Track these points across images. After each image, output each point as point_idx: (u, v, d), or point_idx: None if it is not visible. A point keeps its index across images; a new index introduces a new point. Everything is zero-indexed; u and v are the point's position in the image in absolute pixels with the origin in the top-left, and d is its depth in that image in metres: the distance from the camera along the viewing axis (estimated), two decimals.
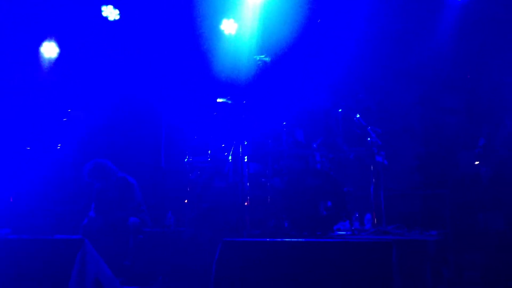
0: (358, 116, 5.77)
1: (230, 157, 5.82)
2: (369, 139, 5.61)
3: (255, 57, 5.40)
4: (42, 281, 3.66)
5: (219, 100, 6.12)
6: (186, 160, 6.20)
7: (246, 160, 5.58)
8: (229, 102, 6.09)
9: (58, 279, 3.58)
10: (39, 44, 7.50)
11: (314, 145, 5.62)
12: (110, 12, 7.31)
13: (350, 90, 6.65)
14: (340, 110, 5.87)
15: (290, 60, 6.88)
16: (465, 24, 6.57)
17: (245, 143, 5.65)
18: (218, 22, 7.34)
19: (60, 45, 7.54)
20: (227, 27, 7.31)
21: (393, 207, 5.81)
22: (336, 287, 3.28)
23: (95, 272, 3.73)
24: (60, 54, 7.54)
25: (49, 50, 7.54)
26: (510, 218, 4.89)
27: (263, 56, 5.33)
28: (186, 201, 6.13)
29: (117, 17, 7.33)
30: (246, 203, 5.48)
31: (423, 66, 6.74)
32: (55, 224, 5.78)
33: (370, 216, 5.71)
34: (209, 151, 6.10)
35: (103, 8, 7.28)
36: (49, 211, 6.13)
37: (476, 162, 5.35)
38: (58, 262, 3.65)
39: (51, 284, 3.61)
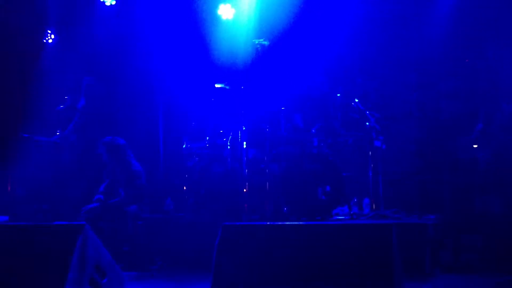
0: (356, 101, 5.77)
1: (228, 143, 5.82)
2: (367, 124, 5.62)
3: (253, 41, 5.37)
4: (43, 267, 3.66)
5: (217, 85, 6.10)
6: (184, 146, 6.20)
7: (244, 145, 5.59)
8: (227, 87, 6.07)
9: (58, 265, 3.57)
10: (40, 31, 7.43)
11: (313, 130, 5.63)
12: None
13: (349, 75, 6.64)
14: (338, 95, 5.86)
15: (288, 44, 6.84)
16: (462, 9, 6.54)
17: (243, 128, 5.65)
18: (215, 7, 7.28)
19: (56, 31, 7.47)
20: (224, 12, 7.26)
21: (391, 192, 5.84)
22: (336, 270, 3.30)
23: (96, 258, 3.73)
24: (56, 40, 7.47)
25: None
26: (507, 201, 4.93)
27: (261, 40, 5.29)
28: (185, 187, 6.14)
29: (114, 2, 7.26)
30: (244, 189, 5.49)
31: (421, 51, 6.72)
32: (55, 211, 5.78)
33: (369, 200, 5.74)
34: (207, 137, 6.09)
35: None
36: (48, 198, 6.13)
37: (474, 146, 5.38)
38: (58, 248, 3.64)
39: (51, 270, 3.61)
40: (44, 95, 7.06)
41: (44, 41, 7.42)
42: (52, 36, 7.44)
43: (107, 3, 7.23)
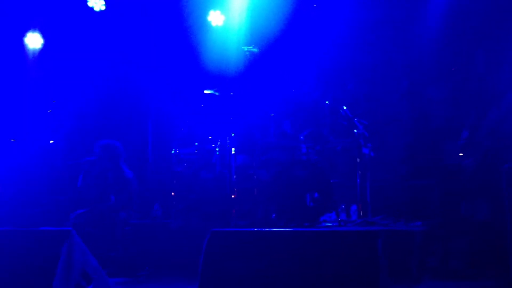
0: (345, 108, 5.80)
1: (217, 149, 5.83)
2: (355, 131, 5.66)
3: (243, 48, 5.40)
4: (28, 273, 3.64)
5: (206, 91, 6.12)
6: (173, 152, 6.19)
7: (233, 151, 5.59)
8: (217, 93, 6.09)
9: (44, 271, 3.56)
10: (23, 34, 7.40)
11: (301, 137, 5.66)
12: (96, 3, 7.23)
13: (337, 82, 6.68)
14: (327, 102, 5.90)
15: (277, 51, 6.88)
16: (451, 16, 6.62)
17: (232, 134, 5.66)
18: (205, 13, 7.31)
19: (44, 35, 7.44)
20: (214, 18, 7.29)
21: (379, 198, 5.87)
22: (323, 276, 3.32)
23: (82, 263, 3.72)
24: (45, 45, 7.45)
25: (34, 40, 7.45)
26: (493, 208, 4.97)
27: (251, 47, 5.33)
28: (173, 193, 6.13)
29: (103, 7, 7.26)
30: (233, 195, 5.50)
31: (410, 58, 6.79)
32: (42, 216, 5.74)
33: (356, 207, 5.77)
34: (196, 143, 6.10)
35: None
36: (36, 203, 6.09)
37: (460, 154, 5.42)
38: (44, 253, 3.63)
39: (37, 276, 3.59)
40: (32, 99, 7.04)
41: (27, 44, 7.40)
42: (41, 41, 7.42)
43: (96, 9, 7.23)
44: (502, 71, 5.61)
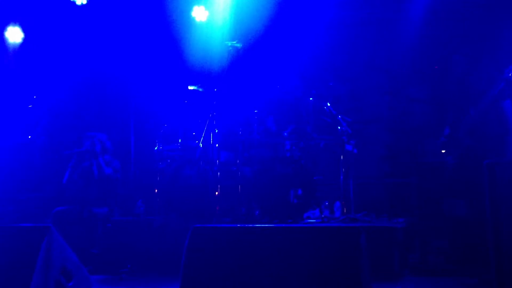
0: (328, 105, 5.82)
1: (200, 145, 5.79)
2: (339, 127, 5.68)
3: (226, 43, 5.37)
4: (6, 269, 3.57)
5: (190, 87, 6.08)
6: (156, 148, 6.14)
7: (216, 148, 5.58)
8: (200, 89, 6.06)
9: (23, 268, 3.49)
10: (3, 28, 7.27)
11: (285, 134, 5.66)
12: None
13: (321, 79, 6.70)
14: (310, 98, 5.91)
15: (261, 47, 6.88)
16: (432, 16, 6.69)
17: (216, 131, 5.64)
18: (189, 9, 7.26)
19: (25, 29, 7.33)
20: (198, 14, 7.24)
21: (362, 195, 5.91)
22: (305, 272, 3.32)
23: (62, 260, 3.66)
24: (25, 39, 7.33)
25: (14, 35, 7.32)
26: (472, 205, 5.03)
27: (234, 42, 5.31)
28: (156, 189, 6.08)
29: (85, 1, 7.15)
30: (216, 192, 5.48)
31: (392, 56, 6.85)
32: (23, 213, 5.66)
33: (340, 204, 5.80)
34: (180, 139, 6.06)
35: None
36: (16, 200, 6.00)
37: (442, 151, 5.47)
38: (23, 250, 3.56)
39: (15, 273, 3.52)
40: (12, 94, 6.93)
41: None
42: (22, 35, 7.30)
43: (78, 3, 7.12)
44: (482, 70, 5.68)
